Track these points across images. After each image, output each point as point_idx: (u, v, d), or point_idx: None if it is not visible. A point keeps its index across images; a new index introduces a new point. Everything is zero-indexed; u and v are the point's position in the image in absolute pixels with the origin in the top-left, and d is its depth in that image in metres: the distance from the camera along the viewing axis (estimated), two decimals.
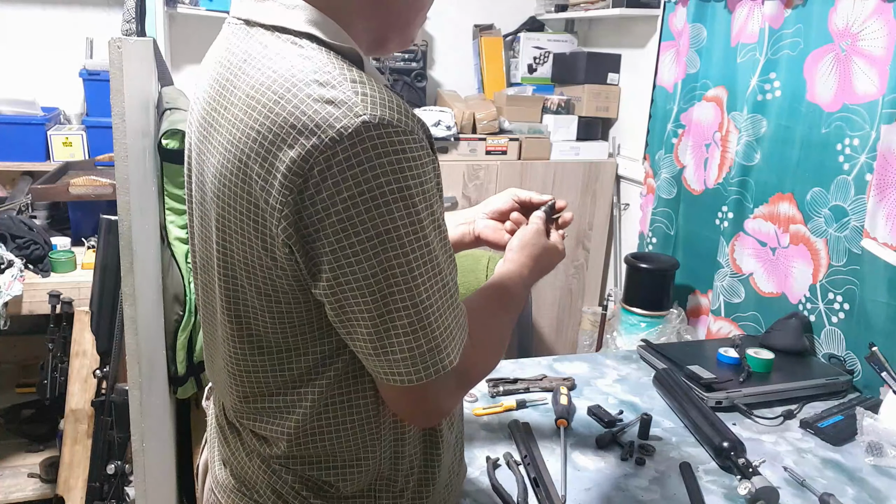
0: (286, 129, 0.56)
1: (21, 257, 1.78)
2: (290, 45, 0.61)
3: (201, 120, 0.67)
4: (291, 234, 0.58)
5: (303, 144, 0.55)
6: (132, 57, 1.26)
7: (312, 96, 0.56)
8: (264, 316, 0.66)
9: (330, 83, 0.57)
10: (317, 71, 0.58)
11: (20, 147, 2.06)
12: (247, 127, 0.58)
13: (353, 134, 0.54)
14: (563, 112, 2.47)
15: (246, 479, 0.76)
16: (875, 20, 1.45)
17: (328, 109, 0.55)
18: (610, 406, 1.36)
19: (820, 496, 1.09)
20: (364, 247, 0.56)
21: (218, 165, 0.62)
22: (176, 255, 1.62)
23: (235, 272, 0.65)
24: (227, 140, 0.61)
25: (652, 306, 1.97)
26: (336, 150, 0.54)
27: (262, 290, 0.64)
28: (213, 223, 0.65)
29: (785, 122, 1.68)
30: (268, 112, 0.57)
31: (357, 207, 0.55)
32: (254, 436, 0.74)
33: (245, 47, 0.63)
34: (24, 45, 2.21)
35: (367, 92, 0.57)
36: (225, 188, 0.62)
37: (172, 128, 1.55)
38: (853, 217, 1.51)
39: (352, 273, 0.58)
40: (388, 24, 0.69)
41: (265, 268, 0.62)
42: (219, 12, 2.24)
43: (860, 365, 1.49)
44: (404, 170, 0.56)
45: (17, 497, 1.86)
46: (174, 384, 1.69)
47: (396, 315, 0.59)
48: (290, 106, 0.56)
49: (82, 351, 1.75)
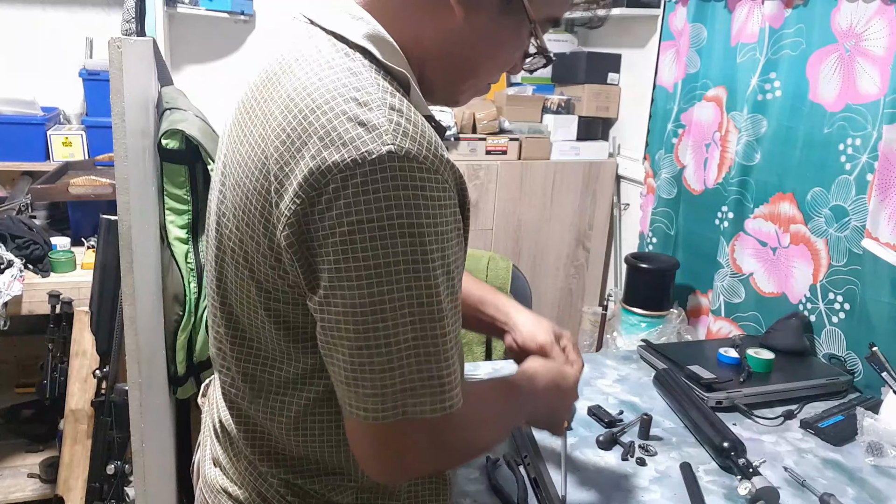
0: (314, 139, 0.56)
1: (21, 257, 1.78)
2: (343, 55, 0.61)
3: (242, 107, 0.67)
4: (293, 243, 0.57)
5: (324, 158, 0.55)
6: (132, 57, 1.26)
7: (347, 114, 0.56)
8: (259, 312, 0.65)
9: (368, 104, 0.56)
10: (359, 89, 0.57)
11: (20, 147, 2.06)
12: (278, 126, 0.58)
13: (376, 161, 0.54)
14: (564, 112, 2.47)
15: (233, 479, 0.76)
16: (878, 20, 1.45)
17: (358, 130, 0.55)
18: (610, 406, 1.36)
19: (820, 496, 1.09)
20: (360, 273, 0.55)
21: (245, 156, 0.62)
22: (175, 254, 1.62)
23: (240, 263, 0.65)
24: (258, 133, 0.61)
25: (652, 306, 1.97)
26: (355, 172, 0.54)
27: (262, 287, 0.63)
28: (229, 209, 0.65)
29: (786, 121, 1.68)
30: (301, 118, 0.57)
31: (363, 233, 0.54)
32: (243, 437, 0.74)
33: (301, 47, 0.63)
34: (24, 45, 2.21)
35: (400, 122, 0.56)
36: (246, 178, 0.61)
37: (172, 128, 1.55)
38: (854, 217, 1.50)
39: (342, 297, 0.56)
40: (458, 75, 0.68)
41: (269, 266, 0.62)
42: (218, 12, 2.24)
43: (861, 365, 1.49)
44: (419, 206, 0.55)
45: (17, 497, 1.86)
46: (174, 384, 1.68)
47: (376, 350, 0.57)
48: (324, 118, 0.56)
49: (82, 351, 1.74)
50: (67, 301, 1.75)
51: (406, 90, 0.63)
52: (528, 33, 0.67)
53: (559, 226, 2.46)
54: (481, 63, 0.68)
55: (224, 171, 0.67)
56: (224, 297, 0.69)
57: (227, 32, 2.38)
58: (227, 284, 0.68)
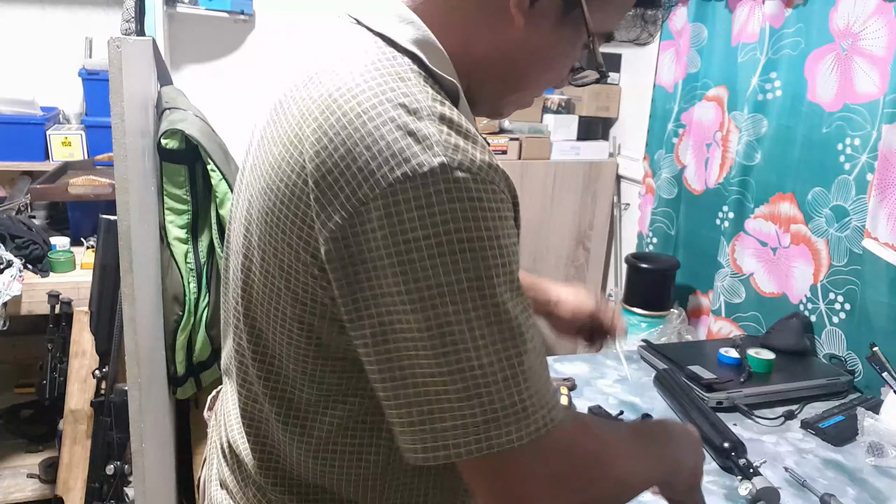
0: (360, 147, 0.52)
1: (20, 257, 1.78)
2: (390, 59, 0.57)
3: (277, 106, 0.63)
4: (334, 259, 0.53)
5: (372, 171, 0.51)
6: (131, 57, 1.25)
7: (396, 122, 0.52)
8: (288, 326, 0.60)
9: (417, 112, 0.53)
10: (408, 95, 0.54)
11: (19, 147, 2.05)
12: (319, 128, 0.54)
13: (428, 174, 0.50)
14: (564, 112, 2.47)
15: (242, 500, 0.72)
16: (876, 20, 1.45)
17: (408, 141, 0.51)
18: (610, 406, 1.36)
19: (821, 497, 1.09)
20: (422, 295, 0.51)
21: (278, 157, 0.58)
22: (175, 255, 1.62)
23: (272, 274, 0.60)
24: (294, 134, 0.57)
25: (652, 306, 1.97)
26: (406, 187, 0.50)
27: (298, 298, 0.58)
28: (260, 215, 0.60)
29: (786, 121, 1.68)
30: (346, 122, 0.53)
31: (420, 251, 0.50)
32: (257, 461, 0.69)
33: (345, 47, 0.60)
34: (23, 45, 2.20)
35: (451, 132, 0.52)
36: (280, 182, 0.57)
37: (171, 127, 1.55)
38: (854, 217, 1.50)
39: (403, 323, 0.52)
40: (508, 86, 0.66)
41: (310, 276, 0.56)
42: (218, 12, 2.23)
43: (861, 365, 1.49)
44: (477, 220, 0.51)
45: (17, 497, 1.86)
46: (173, 384, 1.69)
47: (449, 378, 0.52)
48: (370, 125, 0.52)
49: (81, 351, 1.74)
50: (67, 301, 1.74)
51: (454, 100, 0.59)
52: (583, 46, 0.65)
53: (559, 226, 2.45)
54: (533, 75, 0.66)
55: (253, 174, 0.63)
56: (248, 308, 0.64)
57: (226, 32, 2.38)
58: (252, 296, 0.63)
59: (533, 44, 0.62)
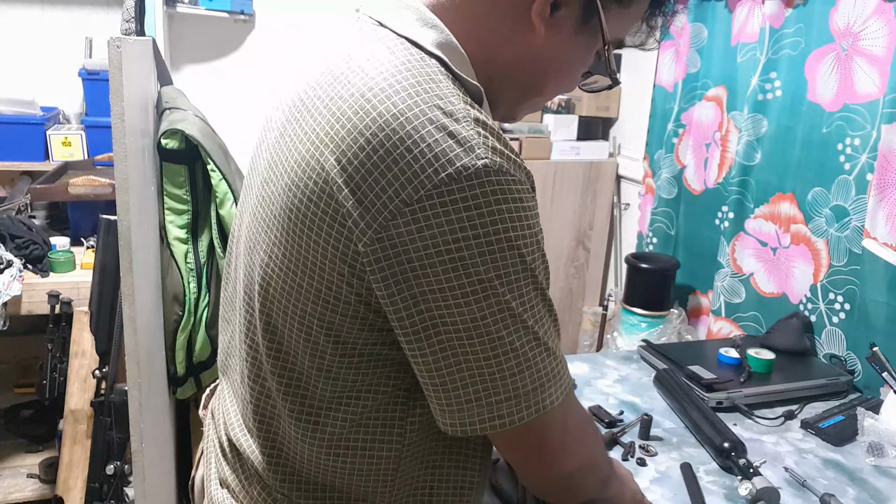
0: (400, 149, 0.53)
1: (20, 257, 1.78)
2: (419, 59, 0.58)
3: (298, 104, 0.63)
4: (380, 258, 0.55)
5: (416, 172, 0.52)
6: (131, 56, 1.25)
7: (435, 123, 0.53)
8: (308, 323, 0.62)
9: (454, 115, 0.54)
10: (441, 97, 0.55)
11: (19, 147, 2.05)
12: (354, 128, 0.55)
13: (473, 175, 0.52)
14: (564, 112, 2.47)
15: (245, 498, 0.73)
16: (876, 20, 1.45)
17: (449, 143, 0.53)
18: (610, 406, 1.36)
19: (821, 496, 1.09)
20: (475, 289, 0.54)
21: (305, 154, 0.58)
22: (175, 255, 1.62)
23: (294, 271, 0.60)
24: (324, 132, 0.57)
25: (652, 306, 1.97)
26: (452, 188, 0.52)
27: (321, 295, 0.59)
28: (283, 211, 0.60)
29: (786, 121, 1.68)
30: (382, 123, 0.54)
31: (470, 249, 0.53)
32: (266, 459, 0.70)
33: (371, 47, 0.60)
34: (23, 45, 2.21)
35: (488, 135, 0.55)
36: (308, 179, 0.57)
37: (172, 127, 1.55)
38: (854, 217, 1.50)
39: (458, 314, 0.55)
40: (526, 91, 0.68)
41: (337, 273, 0.58)
42: (218, 12, 2.24)
43: (861, 365, 1.49)
44: (517, 219, 0.55)
45: (17, 497, 1.86)
46: (173, 384, 1.69)
47: (504, 357, 0.57)
48: (409, 126, 0.53)
49: (81, 351, 1.74)
50: (67, 301, 1.74)
51: (479, 104, 0.61)
52: (597, 53, 0.67)
53: (559, 226, 2.45)
54: (550, 81, 0.68)
55: (273, 171, 0.63)
56: (265, 304, 0.64)
57: (226, 32, 2.38)
58: (270, 292, 0.63)
59: (552, 51, 0.64)
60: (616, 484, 0.81)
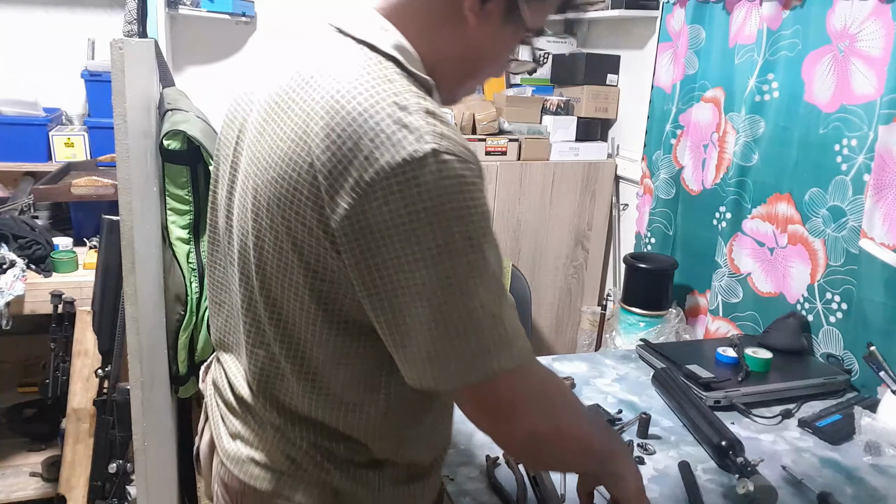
0: (365, 140, 0.63)
1: (23, 257, 1.79)
2: (376, 63, 0.69)
3: (272, 105, 0.72)
4: (349, 232, 0.64)
5: (376, 158, 0.62)
6: (134, 58, 1.26)
7: (392, 117, 0.63)
8: (300, 293, 0.71)
9: (408, 109, 0.64)
10: (397, 94, 0.65)
11: (22, 148, 2.06)
12: (326, 126, 0.64)
13: (422, 158, 0.61)
14: (563, 113, 2.48)
15: (259, 447, 0.82)
16: (873, 21, 1.46)
17: (404, 133, 0.62)
18: (609, 405, 1.37)
19: (818, 495, 1.10)
20: (425, 255, 0.62)
21: (286, 150, 0.68)
22: (177, 254, 1.63)
23: (285, 249, 0.70)
24: (300, 130, 0.67)
25: (651, 306, 1.98)
26: (406, 170, 0.61)
27: (310, 268, 0.69)
28: (272, 200, 0.69)
29: (783, 122, 1.69)
30: (350, 120, 0.63)
31: (421, 221, 0.62)
32: (276, 408, 0.80)
33: (336, 51, 0.71)
34: (27, 46, 2.22)
35: (437, 123, 0.64)
36: (291, 171, 0.67)
37: (174, 128, 1.56)
38: (851, 217, 1.51)
39: (415, 279, 0.63)
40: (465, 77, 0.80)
41: (322, 248, 0.67)
42: (220, 14, 2.24)
43: (858, 364, 1.50)
44: (465, 192, 0.63)
45: (19, 496, 1.87)
46: (175, 383, 1.69)
47: (457, 318, 0.64)
48: (371, 121, 0.63)
49: (84, 350, 1.75)
50: (69, 301, 1.75)
51: (429, 94, 0.71)
52: (521, 40, 0.79)
53: (558, 226, 2.46)
54: (483, 66, 0.80)
55: (256, 166, 0.72)
56: (263, 282, 0.74)
57: (228, 34, 2.39)
58: (266, 271, 0.73)
59: (483, 40, 0.75)
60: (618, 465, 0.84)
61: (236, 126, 0.80)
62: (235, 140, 0.80)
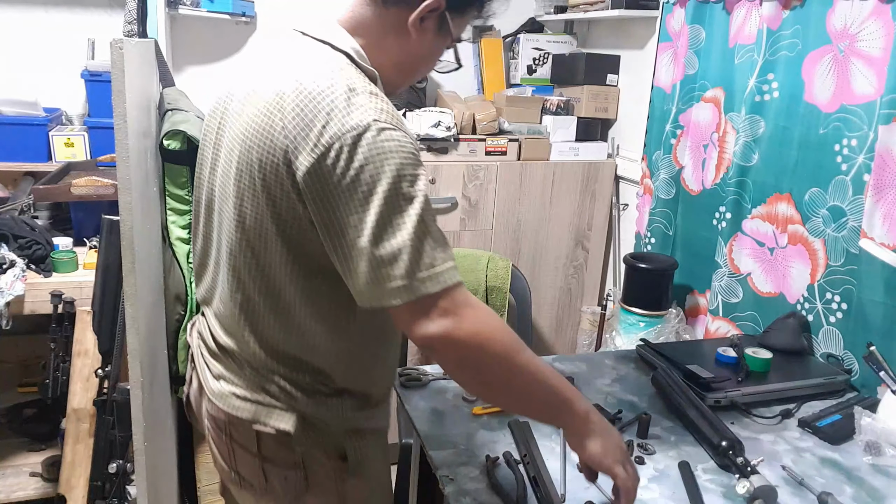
0: (322, 114, 0.83)
1: (23, 257, 1.79)
2: (331, 57, 0.91)
3: (249, 90, 0.92)
4: (311, 183, 0.83)
5: (330, 127, 0.82)
6: (134, 58, 1.26)
7: (344, 96, 0.84)
8: (273, 240, 0.89)
9: (356, 90, 0.85)
10: (349, 79, 0.86)
11: (22, 148, 2.06)
12: (293, 102, 0.84)
13: (364, 126, 0.81)
14: (563, 113, 2.48)
15: (239, 384, 1.00)
16: (873, 21, 1.46)
17: (352, 107, 0.83)
18: (609, 405, 1.37)
19: (818, 495, 1.10)
20: (369, 198, 0.81)
21: (261, 123, 0.87)
22: (177, 254, 1.63)
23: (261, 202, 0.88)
24: (273, 106, 0.86)
25: (650, 306, 1.98)
26: (353, 135, 0.81)
27: (281, 217, 0.87)
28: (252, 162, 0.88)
29: (783, 122, 1.69)
30: (311, 98, 0.84)
31: (365, 173, 0.81)
32: (249, 349, 0.97)
33: (301, 49, 0.94)
34: (26, 46, 2.22)
35: (377, 102, 0.85)
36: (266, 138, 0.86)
37: (174, 128, 1.56)
38: (851, 217, 1.51)
39: (360, 217, 0.81)
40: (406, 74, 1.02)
41: (291, 200, 0.86)
42: (220, 13, 2.24)
43: (858, 364, 1.50)
44: (397, 151, 0.82)
45: (19, 496, 1.87)
46: (175, 383, 1.69)
47: (391, 246, 0.81)
48: (328, 98, 0.83)
49: (84, 350, 1.75)
50: (69, 301, 1.75)
51: (375, 82, 0.93)
52: (447, 46, 1.01)
53: (558, 226, 2.47)
54: (420, 66, 1.03)
55: (234, 141, 0.91)
56: (243, 234, 0.92)
57: (228, 34, 2.39)
58: (245, 224, 0.91)
59: (421, 48, 0.98)
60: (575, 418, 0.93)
61: (217, 116, 0.99)
62: (217, 127, 0.98)
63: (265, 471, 1.00)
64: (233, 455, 1.03)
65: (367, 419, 1.04)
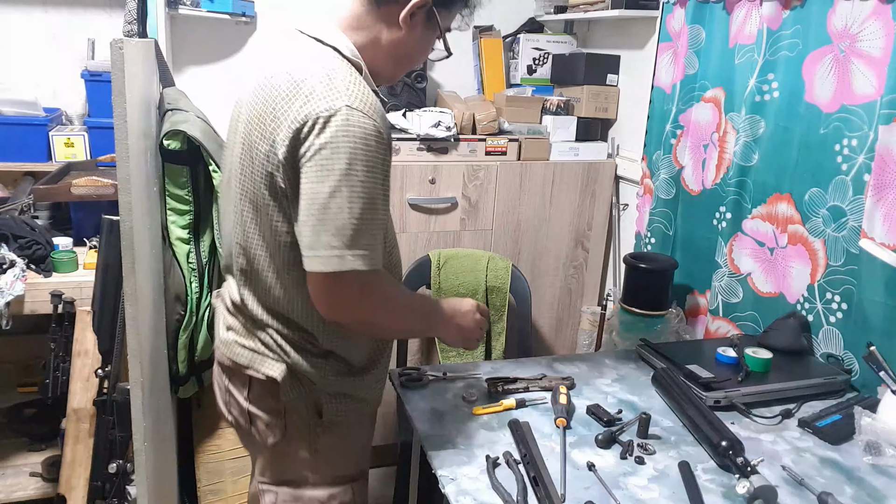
0: (303, 95, 0.96)
1: (23, 257, 1.78)
2: (321, 51, 1.04)
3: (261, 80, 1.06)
4: (287, 154, 0.97)
5: (309, 106, 0.95)
6: (134, 58, 1.27)
7: (324, 83, 0.97)
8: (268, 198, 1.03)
9: (334, 78, 0.98)
10: (332, 69, 1.00)
11: (22, 148, 2.06)
12: (281, 88, 1.00)
13: (337, 110, 0.94)
14: (563, 113, 2.48)
15: (242, 334, 1.16)
16: (873, 21, 1.46)
17: (328, 93, 0.96)
18: (609, 405, 1.37)
19: (818, 495, 1.10)
20: (329, 173, 0.93)
21: (264, 106, 1.02)
22: (177, 254, 1.63)
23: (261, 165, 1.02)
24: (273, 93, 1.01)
25: (650, 306, 1.98)
26: (325, 117, 0.94)
27: (272, 176, 1.00)
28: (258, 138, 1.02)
29: (783, 122, 1.69)
30: (294, 84, 0.98)
31: (330, 150, 0.93)
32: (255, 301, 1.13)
33: (296, 46, 1.08)
34: (26, 46, 2.22)
35: (353, 90, 0.97)
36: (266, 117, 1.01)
37: (174, 128, 1.56)
38: (851, 217, 1.51)
39: (318, 187, 0.94)
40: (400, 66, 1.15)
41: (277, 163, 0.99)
42: (219, 13, 2.24)
43: (858, 364, 1.50)
44: (362, 136, 0.94)
45: (19, 496, 1.87)
46: (175, 383, 1.69)
47: (334, 220, 0.94)
48: (309, 84, 0.97)
49: (84, 350, 1.75)
50: (69, 301, 1.75)
51: (359, 72, 1.04)
52: (436, 38, 1.13)
53: (558, 226, 2.46)
54: (412, 58, 1.15)
55: (249, 122, 1.05)
56: (245, 203, 1.07)
57: (228, 34, 2.39)
58: (247, 196, 1.06)
59: (411, 41, 1.09)
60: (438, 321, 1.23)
61: (238, 107, 1.13)
62: (237, 116, 1.12)
63: (251, 414, 1.15)
64: (229, 397, 1.20)
65: (351, 387, 1.16)
